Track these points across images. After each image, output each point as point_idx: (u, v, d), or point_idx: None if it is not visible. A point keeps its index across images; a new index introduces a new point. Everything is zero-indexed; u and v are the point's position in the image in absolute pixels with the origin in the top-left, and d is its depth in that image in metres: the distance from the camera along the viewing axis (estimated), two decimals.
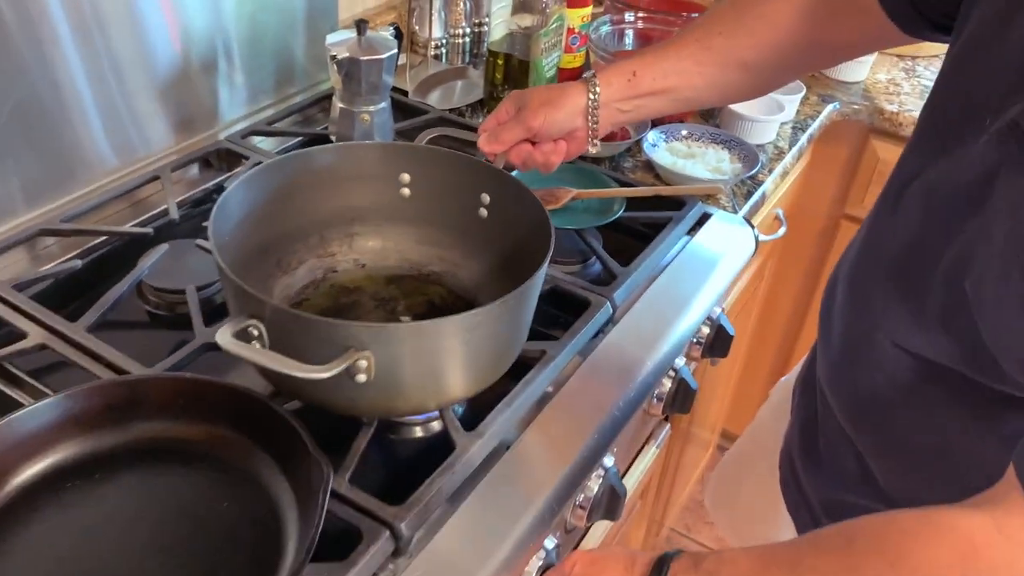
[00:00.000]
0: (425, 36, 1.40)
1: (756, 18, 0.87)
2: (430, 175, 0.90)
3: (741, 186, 1.24)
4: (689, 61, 0.88)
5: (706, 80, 0.89)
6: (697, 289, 1.03)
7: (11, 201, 0.95)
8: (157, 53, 1.04)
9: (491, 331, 0.73)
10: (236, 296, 0.70)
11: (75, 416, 0.70)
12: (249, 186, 0.81)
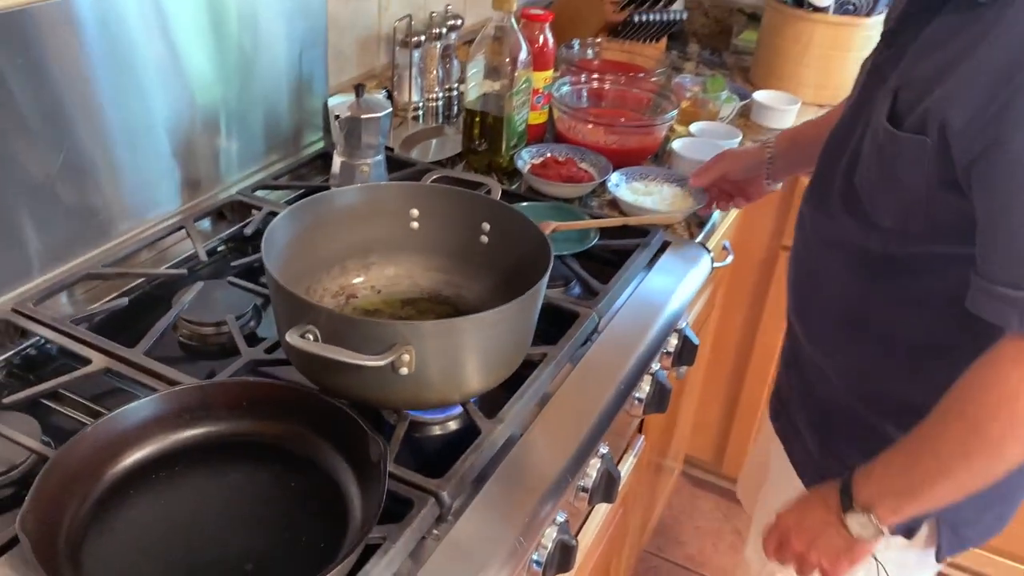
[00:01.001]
0: (405, 100, 1.57)
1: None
2: (436, 209, 1.05)
3: (694, 218, 1.41)
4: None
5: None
6: (665, 302, 1.19)
7: (59, 249, 1.07)
8: (173, 120, 1.18)
9: (507, 328, 0.87)
10: (293, 307, 0.83)
11: (157, 417, 0.81)
12: (289, 220, 0.94)
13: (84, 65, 1.02)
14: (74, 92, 1.02)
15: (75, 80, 1.02)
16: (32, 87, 0.97)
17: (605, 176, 1.41)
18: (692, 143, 1.56)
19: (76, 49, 1.01)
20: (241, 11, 1.23)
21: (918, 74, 0.87)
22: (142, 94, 1.11)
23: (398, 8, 1.60)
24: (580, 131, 1.50)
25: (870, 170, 0.92)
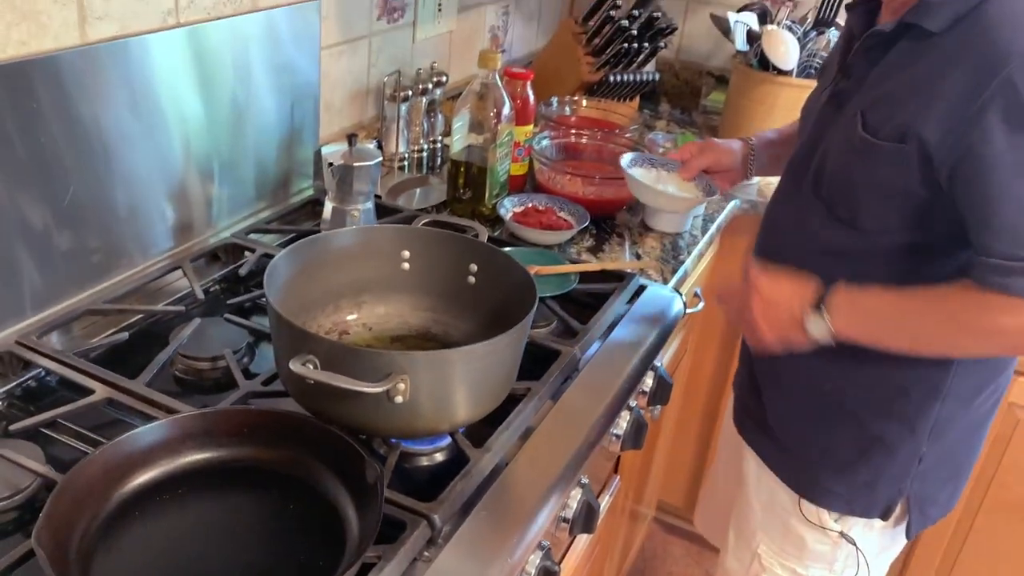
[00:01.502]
0: (391, 151, 1.64)
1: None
2: (426, 251, 1.11)
3: (667, 264, 1.48)
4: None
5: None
6: (640, 343, 1.25)
7: (60, 287, 1.11)
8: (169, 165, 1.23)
9: (495, 361, 0.92)
10: (295, 338, 0.88)
11: (163, 442, 0.85)
12: (289, 259, 1.00)
13: (87, 113, 1.08)
14: (77, 138, 1.08)
15: (78, 127, 1.07)
16: (38, 134, 1.02)
17: (583, 224, 1.48)
18: None
19: (80, 98, 1.06)
20: (236, 64, 1.29)
21: (887, 93, 1.01)
22: (140, 141, 1.17)
23: (386, 65, 1.68)
24: (559, 182, 1.58)
25: (846, 179, 1.06)
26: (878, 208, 1.03)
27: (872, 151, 1.00)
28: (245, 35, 1.29)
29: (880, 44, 1.04)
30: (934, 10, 0.97)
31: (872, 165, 1.01)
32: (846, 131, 1.04)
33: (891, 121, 0.98)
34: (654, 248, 1.54)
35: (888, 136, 0.99)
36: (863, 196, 1.04)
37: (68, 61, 1.04)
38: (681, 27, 2.34)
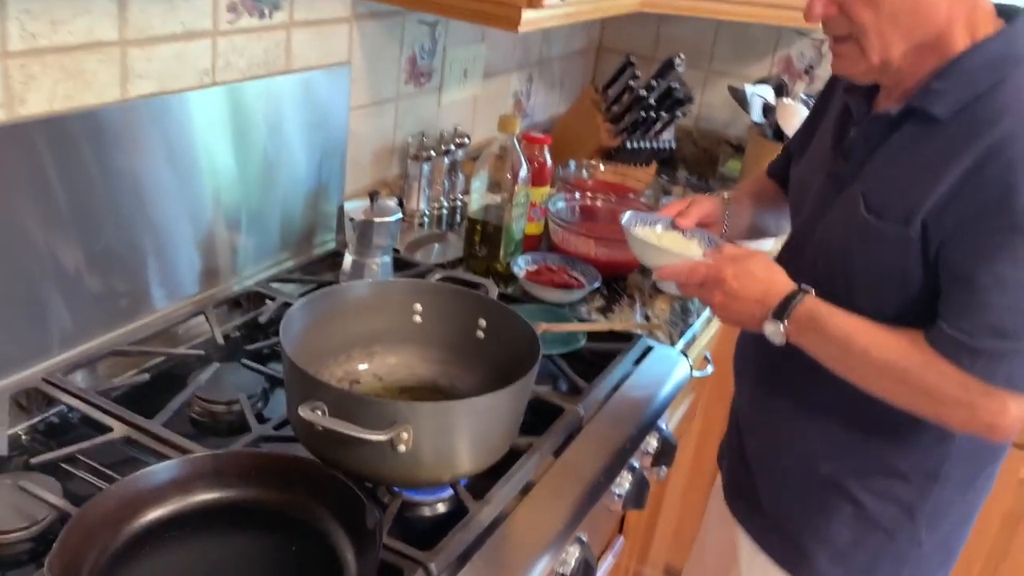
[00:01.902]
0: (412, 207, 1.69)
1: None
2: (438, 305, 1.15)
3: (676, 327, 1.51)
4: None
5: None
6: (645, 403, 1.28)
7: (87, 327, 1.16)
8: (199, 214, 1.29)
9: (497, 414, 0.96)
10: (306, 385, 0.92)
11: (174, 481, 0.88)
12: (305, 308, 1.04)
13: (126, 162, 1.14)
14: (113, 187, 1.14)
15: (115, 177, 1.13)
16: (74, 182, 1.08)
17: (594, 284, 1.52)
18: None
19: (118, 150, 1.13)
20: (268, 121, 1.36)
21: (890, 177, 1.02)
22: (174, 191, 1.23)
23: (412, 125, 1.75)
24: (572, 243, 1.62)
25: (846, 259, 1.06)
26: (875, 289, 1.04)
27: (874, 233, 1.02)
28: (278, 94, 1.36)
29: (882, 128, 1.05)
30: (940, 96, 0.98)
31: (873, 246, 1.02)
32: (847, 212, 1.05)
33: (895, 204, 1.00)
34: (663, 310, 1.57)
35: (891, 218, 1.00)
36: (861, 277, 1.05)
37: (109, 115, 1.10)
38: (700, 96, 2.41)
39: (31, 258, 1.06)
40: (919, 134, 1.01)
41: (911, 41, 0.98)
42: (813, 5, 1.00)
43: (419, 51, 1.70)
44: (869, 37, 0.98)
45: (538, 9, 1.34)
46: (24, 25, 0.97)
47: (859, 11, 0.97)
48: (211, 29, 1.22)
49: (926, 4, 0.96)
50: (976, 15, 0.99)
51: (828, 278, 1.07)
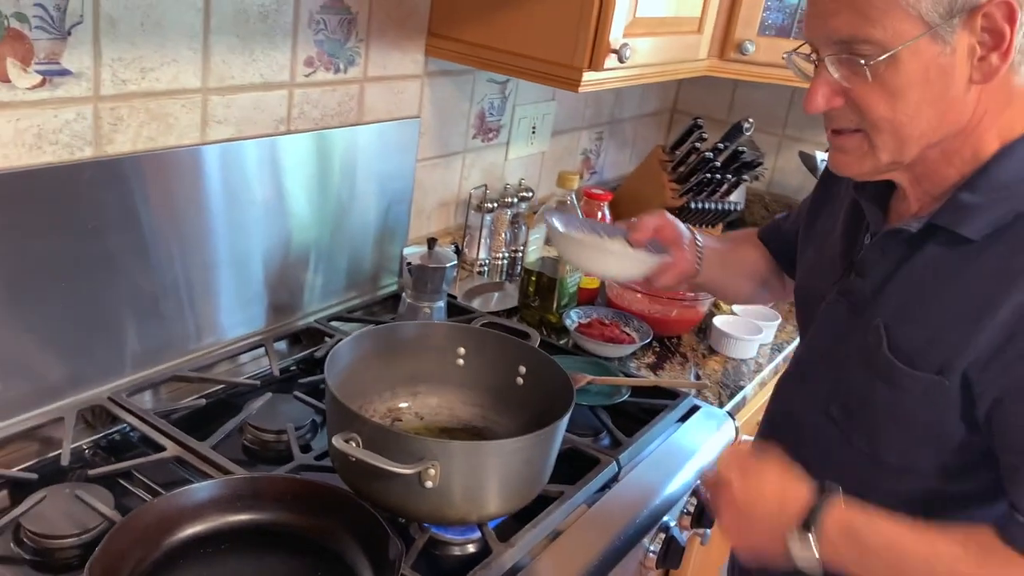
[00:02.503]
0: (473, 256, 1.74)
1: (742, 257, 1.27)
2: (481, 349, 1.18)
3: (726, 389, 1.51)
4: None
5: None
6: (686, 461, 1.27)
7: (155, 352, 1.24)
8: (270, 252, 1.37)
9: (525, 458, 0.98)
10: (342, 416, 0.96)
11: (213, 500, 0.93)
12: (352, 345, 1.09)
13: (203, 200, 1.23)
14: (190, 222, 1.22)
15: (193, 212, 1.22)
16: (156, 215, 1.17)
17: (645, 340, 1.53)
18: (733, 320, 1.68)
19: (198, 187, 1.21)
20: (344, 168, 1.44)
21: (920, 312, 0.87)
22: (248, 228, 1.31)
23: (478, 177, 1.81)
24: (627, 299, 1.64)
25: (866, 403, 0.91)
26: (904, 443, 0.89)
27: (903, 379, 0.87)
28: (349, 143, 1.44)
29: (901, 245, 0.90)
30: (971, 214, 0.84)
31: (900, 394, 0.87)
32: (869, 346, 0.90)
33: (927, 351, 0.86)
34: (715, 371, 1.57)
35: (923, 367, 0.85)
36: (886, 426, 0.90)
37: (189, 156, 1.19)
38: (773, 161, 2.41)
39: (112, 284, 1.15)
40: (948, 257, 0.86)
41: (932, 138, 0.84)
42: (814, 95, 0.84)
43: (488, 108, 1.77)
44: (883, 135, 0.84)
45: (599, 71, 1.38)
46: (116, 72, 1.07)
47: (873, 103, 0.82)
48: (288, 81, 1.31)
49: (954, 96, 0.81)
50: (1012, 111, 0.84)
51: (846, 422, 0.94)
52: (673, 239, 1.16)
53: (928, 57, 0.79)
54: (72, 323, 1.12)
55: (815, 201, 1.14)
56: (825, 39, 0.83)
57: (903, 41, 0.78)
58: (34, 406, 1.11)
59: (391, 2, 1.43)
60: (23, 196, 1.02)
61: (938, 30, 0.77)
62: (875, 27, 0.78)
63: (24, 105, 1.00)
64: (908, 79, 0.80)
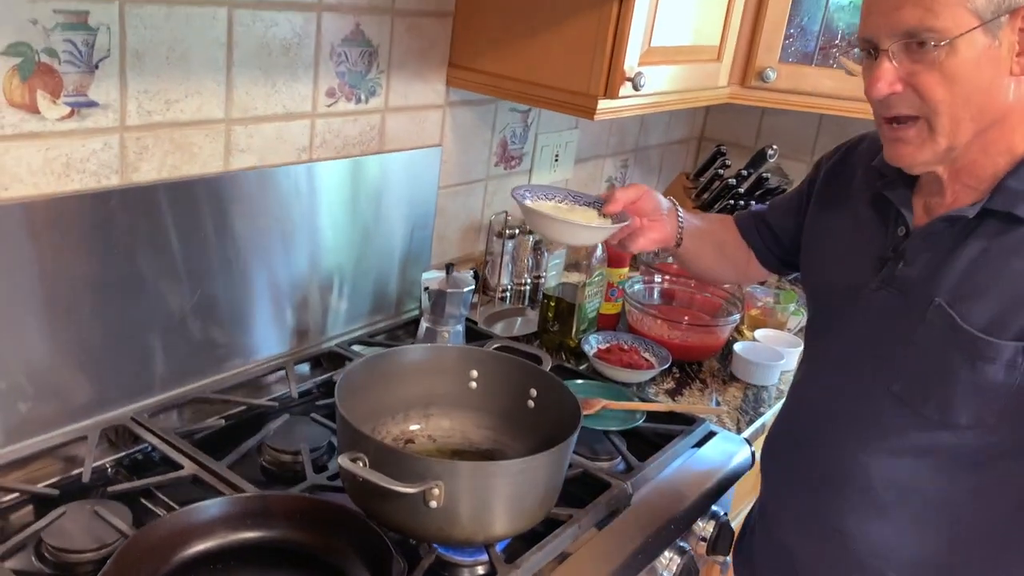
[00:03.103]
0: (495, 282, 1.76)
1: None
2: (493, 373, 1.20)
3: (745, 415, 1.50)
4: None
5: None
6: (700, 486, 1.27)
7: (179, 374, 1.27)
8: (294, 277, 1.40)
9: (530, 479, 0.99)
10: (350, 436, 0.98)
11: (224, 516, 0.96)
12: (364, 367, 1.12)
13: (227, 227, 1.27)
14: (214, 247, 1.26)
15: (223, 236, 1.26)
16: (181, 241, 1.21)
17: (663, 366, 1.53)
18: (754, 347, 1.67)
19: (222, 214, 1.26)
20: (367, 195, 1.47)
21: (989, 286, 0.94)
22: (272, 254, 1.35)
23: (501, 204, 1.83)
24: (647, 324, 1.65)
25: (943, 376, 0.97)
26: (977, 404, 0.97)
27: (985, 349, 0.94)
28: (371, 171, 1.47)
29: (948, 230, 0.98)
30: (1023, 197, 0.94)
31: (982, 364, 0.95)
32: (939, 326, 0.97)
33: (1004, 320, 0.94)
34: (735, 397, 1.56)
35: (1004, 335, 0.93)
36: (963, 393, 0.97)
37: (214, 183, 1.23)
38: None
39: (138, 308, 1.19)
40: (1005, 238, 0.94)
41: (981, 123, 0.93)
42: (876, 81, 0.93)
43: (510, 136, 1.80)
44: (941, 118, 0.92)
45: (614, 99, 1.40)
46: (141, 103, 1.12)
47: (932, 88, 0.91)
48: (310, 111, 1.35)
49: (999, 86, 0.91)
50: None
51: (917, 396, 1.00)
52: (651, 210, 1.22)
53: (980, 48, 0.89)
54: (99, 345, 1.16)
55: (819, 197, 1.18)
56: (889, 31, 0.91)
57: (961, 31, 0.88)
58: (59, 425, 1.15)
59: (412, 34, 1.47)
60: (52, 223, 1.07)
61: (989, 25, 0.88)
62: (938, 18, 0.88)
63: (53, 135, 1.05)
64: (963, 66, 0.89)
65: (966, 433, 0.98)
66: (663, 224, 1.22)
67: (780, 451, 1.20)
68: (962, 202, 0.98)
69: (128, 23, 1.07)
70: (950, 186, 1.00)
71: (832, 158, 1.21)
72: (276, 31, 1.25)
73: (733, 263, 1.35)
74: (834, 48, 1.78)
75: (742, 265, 1.35)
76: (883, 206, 1.06)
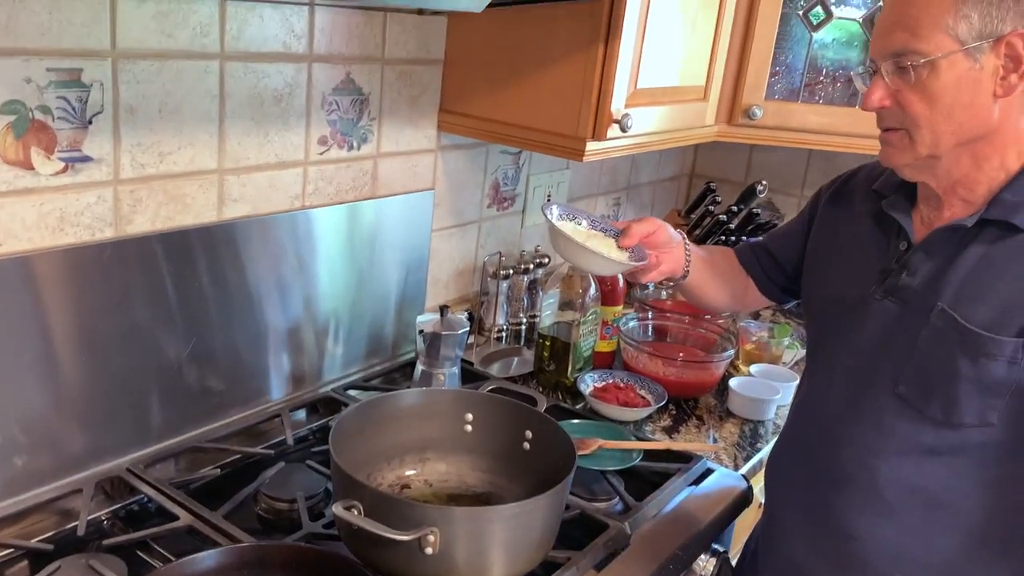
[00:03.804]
0: (490, 322, 1.77)
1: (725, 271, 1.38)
2: (488, 415, 1.20)
3: (742, 451, 1.50)
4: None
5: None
6: (699, 524, 1.26)
7: (175, 423, 1.28)
8: (289, 324, 1.41)
9: (526, 523, 0.98)
10: (345, 484, 0.98)
11: (220, 568, 0.95)
12: (358, 413, 1.12)
13: (222, 275, 1.28)
14: (210, 296, 1.27)
15: (218, 285, 1.27)
16: (176, 291, 1.22)
17: (660, 403, 1.54)
18: (750, 382, 1.67)
19: (218, 262, 1.26)
20: (355, 239, 1.48)
21: (989, 289, 1.01)
22: (267, 301, 1.36)
23: (495, 245, 1.85)
24: (642, 361, 1.65)
25: (948, 376, 1.03)
26: (980, 403, 1.02)
27: (989, 346, 1.00)
28: (364, 217, 1.49)
29: (953, 240, 1.04)
30: (1018, 209, 1.00)
31: (986, 361, 1.00)
32: (936, 327, 1.03)
33: (1004, 318, 0.99)
34: (732, 433, 1.56)
35: (1006, 331, 0.99)
36: (966, 391, 1.02)
37: (205, 234, 1.24)
38: None
39: (133, 358, 1.19)
40: (1002, 245, 1.01)
41: (960, 137, 1.00)
42: (870, 96, 1.02)
43: (502, 178, 1.81)
44: (921, 130, 1.01)
45: (602, 141, 1.42)
46: (135, 156, 1.14)
47: (914, 104, 1.00)
48: (303, 159, 1.36)
49: (980, 105, 0.99)
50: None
51: (921, 396, 1.05)
52: (663, 243, 1.26)
53: (961, 70, 0.97)
54: (94, 397, 1.16)
55: (821, 223, 1.25)
56: (883, 52, 1.01)
57: (941, 53, 0.96)
58: (54, 478, 1.15)
59: (402, 82, 1.49)
60: (47, 276, 1.08)
61: (971, 49, 0.96)
62: (921, 41, 0.97)
63: (47, 191, 1.06)
64: (943, 86, 0.98)
65: (970, 432, 1.03)
66: (672, 256, 1.27)
67: (786, 463, 1.23)
68: (959, 214, 1.05)
69: (121, 78, 1.09)
70: (947, 201, 1.06)
71: (832, 187, 1.27)
72: (268, 82, 1.27)
73: (732, 292, 1.38)
74: (819, 85, 1.81)
75: (740, 294, 1.39)
76: (884, 223, 1.13)
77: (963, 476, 1.05)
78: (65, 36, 1.02)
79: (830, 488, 1.14)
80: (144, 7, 1.09)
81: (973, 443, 1.04)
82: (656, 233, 1.24)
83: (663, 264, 1.26)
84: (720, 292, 1.37)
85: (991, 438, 1.03)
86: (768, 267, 1.35)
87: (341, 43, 1.36)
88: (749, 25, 1.72)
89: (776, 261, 1.34)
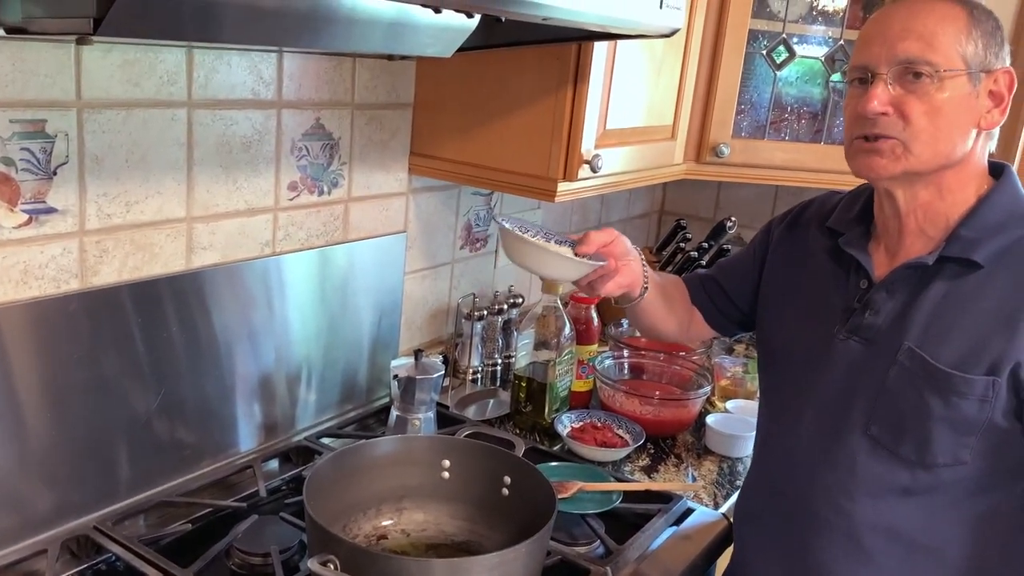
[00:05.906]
0: (465, 364, 1.75)
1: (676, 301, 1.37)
2: (465, 461, 1.18)
3: (721, 489, 1.49)
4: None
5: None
6: (678, 566, 1.25)
7: (144, 477, 1.24)
8: (261, 372, 1.39)
9: (508, 572, 0.97)
10: (320, 537, 0.96)
11: None
12: (332, 464, 1.10)
13: (191, 325, 1.25)
14: (179, 347, 1.24)
15: (188, 334, 1.25)
16: (143, 342, 1.19)
17: (638, 443, 1.53)
18: (727, 419, 1.67)
19: (186, 312, 1.24)
20: (326, 284, 1.47)
21: (954, 326, 1.01)
22: (241, 348, 1.33)
23: (468, 287, 1.84)
24: (619, 400, 1.64)
25: (919, 415, 1.02)
26: (952, 442, 1.01)
27: (959, 385, 1.00)
28: (335, 261, 1.47)
29: (909, 277, 1.05)
30: (976, 245, 1.01)
31: (957, 400, 1.00)
32: (904, 367, 1.03)
33: (973, 357, 1.00)
34: (711, 471, 1.55)
35: (976, 370, 0.99)
36: (939, 431, 1.02)
37: (174, 283, 1.22)
38: None
39: (100, 412, 1.16)
40: (963, 281, 1.02)
41: (942, 160, 1.01)
42: (871, 100, 1.00)
43: (474, 219, 1.81)
44: (918, 142, 1.00)
45: (573, 181, 1.43)
46: (101, 207, 1.12)
47: (918, 115, 0.99)
48: (272, 205, 1.35)
49: (967, 131, 1.01)
50: (978, 172, 1.04)
51: (893, 438, 1.05)
52: (621, 254, 1.21)
53: (963, 92, 0.99)
54: (59, 452, 1.13)
55: (774, 258, 1.25)
56: (890, 59, 1.00)
57: (952, 69, 0.98)
58: (18, 539, 1.11)
59: (372, 126, 1.49)
60: (11, 330, 1.05)
61: (972, 75, 0.99)
62: (936, 53, 0.98)
63: (11, 243, 1.04)
64: (947, 102, 0.99)
65: (943, 472, 1.03)
66: (630, 269, 1.22)
67: (757, 511, 1.22)
68: (918, 251, 1.06)
69: (86, 128, 1.08)
70: (907, 235, 1.07)
71: (783, 221, 1.26)
72: (236, 129, 1.26)
73: (678, 321, 1.37)
74: (784, 121, 1.83)
75: (685, 324, 1.38)
76: (842, 260, 1.13)
77: (939, 516, 1.05)
78: (29, 87, 1.01)
79: (804, 532, 1.13)
80: (110, 56, 1.08)
81: (947, 481, 1.04)
82: (614, 243, 1.20)
83: (622, 276, 1.20)
84: (669, 319, 1.36)
85: (966, 474, 1.03)
86: (719, 300, 1.34)
87: (310, 88, 1.35)
88: (714, 65, 1.75)
89: (727, 295, 1.33)
